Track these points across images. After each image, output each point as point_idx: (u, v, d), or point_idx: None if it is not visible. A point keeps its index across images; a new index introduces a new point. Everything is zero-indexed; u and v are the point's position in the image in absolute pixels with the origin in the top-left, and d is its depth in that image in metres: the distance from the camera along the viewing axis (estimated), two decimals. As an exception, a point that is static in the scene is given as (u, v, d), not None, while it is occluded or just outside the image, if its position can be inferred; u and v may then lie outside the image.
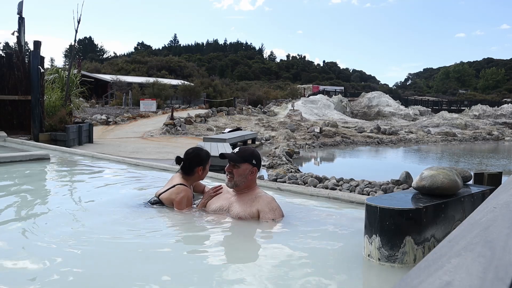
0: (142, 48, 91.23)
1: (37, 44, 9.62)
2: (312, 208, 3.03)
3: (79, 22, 11.19)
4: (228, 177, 2.64)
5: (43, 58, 9.91)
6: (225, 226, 2.47)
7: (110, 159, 5.59)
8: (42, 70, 9.69)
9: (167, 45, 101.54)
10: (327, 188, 7.02)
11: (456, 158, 15.47)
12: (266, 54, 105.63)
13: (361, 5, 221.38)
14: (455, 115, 31.02)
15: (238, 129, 16.74)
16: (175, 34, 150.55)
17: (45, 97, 10.16)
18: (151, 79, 35.01)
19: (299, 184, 6.50)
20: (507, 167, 12.98)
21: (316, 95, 39.02)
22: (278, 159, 10.70)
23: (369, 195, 6.73)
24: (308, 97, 38.10)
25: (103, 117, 17.80)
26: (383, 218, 1.80)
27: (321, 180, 7.90)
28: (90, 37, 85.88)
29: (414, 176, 2.80)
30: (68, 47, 72.26)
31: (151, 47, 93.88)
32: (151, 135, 14.92)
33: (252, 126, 19.36)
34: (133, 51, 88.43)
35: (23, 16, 9.70)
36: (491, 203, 1.22)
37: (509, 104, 36.19)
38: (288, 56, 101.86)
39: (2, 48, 42.37)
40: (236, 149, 2.73)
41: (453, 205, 1.99)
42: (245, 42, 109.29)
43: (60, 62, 62.90)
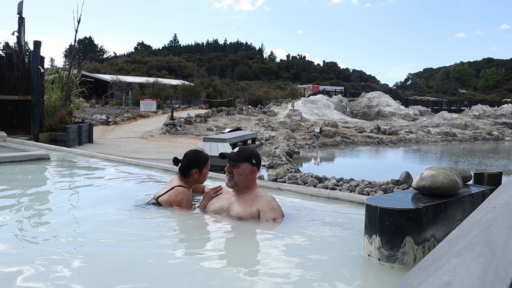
0: (142, 48, 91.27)
1: (37, 44, 9.62)
2: (312, 208, 3.03)
3: (79, 22, 11.20)
4: (228, 177, 2.64)
5: (43, 58, 9.92)
6: (226, 226, 2.47)
7: (110, 159, 5.58)
8: (42, 70, 9.69)
9: (167, 45, 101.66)
10: (327, 188, 7.02)
11: (456, 158, 15.47)
12: (266, 54, 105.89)
13: (361, 5, 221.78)
14: (455, 115, 31.02)
15: (238, 129, 16.75)
16: (175, 34, 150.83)
17: (45, 97, 10.16)
18: (151, 79, 35.01)
19: (299, 184, 6.50)
20: (507, 167, 12.98)
21: (316, 95, 39.04)
22: (278, 159, 10.70)
23: (369, 195, 6.73)
24: (308, 97, 38.11)
25: (103, 117, 17.80)
26: (383, 218, 1.80)
27: (321, 180, 7.90)
28: (90, 37, 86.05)
29: (414, 176, 2.80)
30: (68, 47, 72.36)
31: (151, 47, 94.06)
32: (151, 135, 14.92)
33: (252, 126, 19.36)
34: (133, 51, 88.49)
35: (23, 16, 9.70)
36: (491, 203, 1.22)
37: (509, 104, 36.20)
38: (288, 56, 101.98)
39: (2, 48, 42.49)
40: (236, 149, 2.73)
41: (453, 205, 1.99)
42: (245, 42, 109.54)
43: (60, 62, 63.03)
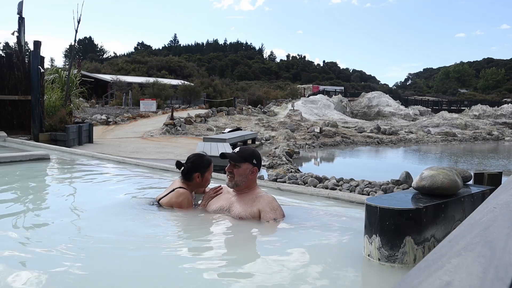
0: (142, 48, 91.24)
1: (37, 44, 9.62)
2: (312, 208, 3.03)
3: (79, 22, 11.20)
4: (228, 177, 2.64)
5: (43, 58, 9.92)
6: (226, 226, 2.47)
7: (110, 159, 5.58)
8: (42, 70, 9.69)
9: (167, 45, 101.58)
10: (327, 188, 7.02)
11: (456, 158, 15.47)
12: (266, 54, 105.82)
13: (361, 5, 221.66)
14: (455, 115, 31.01)
15: (238, 129, 16.74)
16: (175, 34, 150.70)
17: (45, 97, 10.16)
18: (151, 79, 35.00)
19: (299, 184, 6.50)
20: (507, 167, 12.98)
21: (316, 95, 39.02)
22: (278, 159, 10.70)
23: (369, 195, 6.73)
24: (308, 97, 38.10)
25: (103, 117, 17.80)
26: (383, 218, 1.81)
27: (321, 180, 7.90)
28: (90, 37, 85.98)
29: (414, 176, 2.80)
30: (68, 47, 72.32)
31: (151, 47, 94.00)
32: (151, 135, 14.92)
33: (252, 126, 19.36)
34: (133, 51, 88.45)
35: (23, 16, 9.70)
36: (491, 203, 1.22)
37: (509, 104, 36.18)
38: (288, 56, 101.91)
39: (2, 48, 42.51)
40: (237, 149, 2.73)
41: (453, 205, 1.99)
42: (245, 42, 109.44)
43: (60, 62, 62.99)
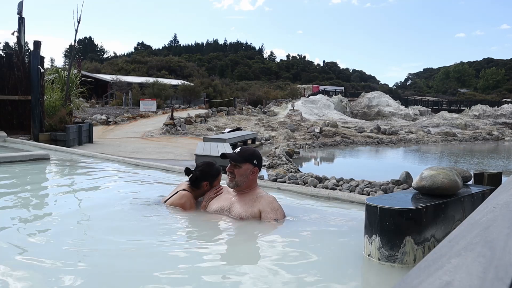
0: (142, 48, 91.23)
1: (37, 44, 9.62)
2: (312, 208, 3.03)
3: (79, 22, 11.19)
4: (229, 177, 2.64)
5: (43, 58, 9.92)
6: (227, 226, 2.47)
7: (110, 159, 5.59)
8: (42, 70, 9.69)
9: (167, 45, 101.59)
10: (327, 188, 7.02)
11: (456, 158, 15.47)
12: (266, 54, 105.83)
13: (361, 5, 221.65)
14: (455, 115, 31.01)
15: (238, 129, 16.74)
16: (175, 34, 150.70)
17: (45, 97, 10.16)
18: (151, 79, 35.00)
19: (299, 184, 6.50)
20: (507, 167, 12.98)
21: (316, 95, 39.02)
22: (278, 159, 10.70)
23: (369, 195, 6.73)
24: (308, 97, 38.09)
25: (103, 117, 17.80)
26: (383, 218, 1.81)
27: (321, 180, 7.90)
28: (90, 37, 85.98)
29: (414, 176, 2.80)
30: (68, 47, 72.32)
31: (151, 47, 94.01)
32: (151, 135, 14.92)
33: (252, 126, 19.36)
34: (133, 51, 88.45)
35: (23, 16, 9.70)
36: (491, 203, 1.22)
37: (509, 104, 36.18)
38: (288, 56, 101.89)
39: (2, 48, 42.49)
40: (237, 149, 2.74)
41: (453, 205, 1.99)
42: (245, 42, 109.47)
43: (60, 62, 62.99)
